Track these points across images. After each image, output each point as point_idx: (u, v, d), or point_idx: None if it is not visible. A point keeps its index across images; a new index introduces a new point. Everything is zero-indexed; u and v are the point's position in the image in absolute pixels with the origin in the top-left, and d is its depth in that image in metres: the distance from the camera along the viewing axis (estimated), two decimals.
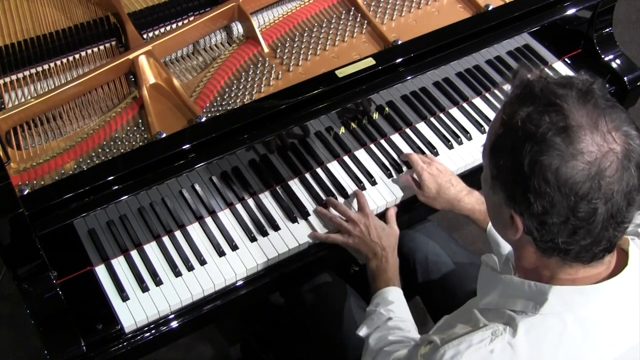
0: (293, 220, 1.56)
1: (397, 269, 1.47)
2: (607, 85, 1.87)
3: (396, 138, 1.73)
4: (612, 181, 0.88)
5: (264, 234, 1.53)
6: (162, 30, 1.67)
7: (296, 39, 1.68)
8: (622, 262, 1.00)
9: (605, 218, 0.90)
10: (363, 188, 1.62)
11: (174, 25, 1.68)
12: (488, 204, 1.06)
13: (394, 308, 1.37)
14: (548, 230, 0.92)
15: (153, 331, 1.41)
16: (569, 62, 1.93)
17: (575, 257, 0.95)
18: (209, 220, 1.55)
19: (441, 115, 1.78)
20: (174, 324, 1.42)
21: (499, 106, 1.81)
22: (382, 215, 1.58)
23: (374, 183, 1.63)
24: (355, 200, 1.58)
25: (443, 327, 1.16)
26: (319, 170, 1.65)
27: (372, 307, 1.40)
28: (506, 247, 1.41)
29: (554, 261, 0.98)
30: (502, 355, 0.96)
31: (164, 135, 1.43)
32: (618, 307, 0.98)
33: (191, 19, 1.67)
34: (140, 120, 1.50)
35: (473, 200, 1.52)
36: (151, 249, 1.49)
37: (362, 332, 1.37)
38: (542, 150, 0.89)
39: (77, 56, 1.61)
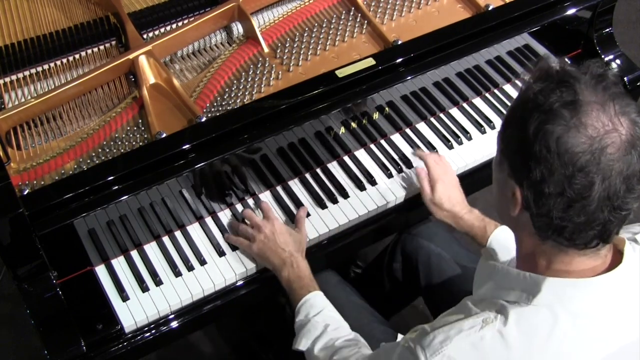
0: (293, 220, 1.55)
1: (310, 271, 1.43)
2: None
3: (396, 138, 1.73)
4: (612, 159, 0.89)
5: None
6: (162, 30, 1.67)
7: (296, 39, 1.68)
8: (617, 261, 1.00)
9: (601, 196, 0.90)
10: (363, 188, 1.62)
11: (174, 25, 1.68)
12: (495, 186, 1.06)
13: (327, 313, 1.35)
14: (544, 202, 0.93)
15: (153, 331, 1.41)
16: (569, 62, 1.92)
17: (569, 238, 0.95)
18: (209, 220, 1.55)
19: (441, 115, 1.78)
20: (174, 324, 1.42)
21: (499, 106, 1.81)
22: (377, 219, 1.58)
23: (374, 183, 1.63)
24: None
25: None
26: (318, 170, 1.65)
27: (303, 318, 1.35)
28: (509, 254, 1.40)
29: (549, 246, 0.98)
30: (493, 342, 0.96)
31: (164, 135, 1.43)
32: (611, 303, 0.98)
33: (191, 19, 1.67)
34: (140, 120, 1.50)
35: (473, 218, 1.51)
36: (151, 249, 1.49)
37: (302, 345, 1.32)
38: (548, 119, 0.91)
39: (77, 56, 1.61)
